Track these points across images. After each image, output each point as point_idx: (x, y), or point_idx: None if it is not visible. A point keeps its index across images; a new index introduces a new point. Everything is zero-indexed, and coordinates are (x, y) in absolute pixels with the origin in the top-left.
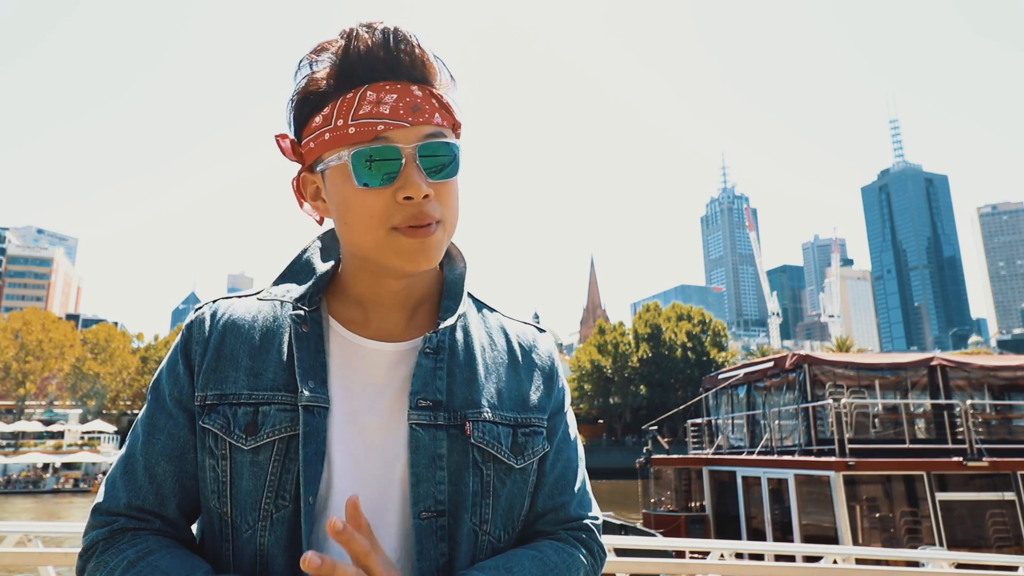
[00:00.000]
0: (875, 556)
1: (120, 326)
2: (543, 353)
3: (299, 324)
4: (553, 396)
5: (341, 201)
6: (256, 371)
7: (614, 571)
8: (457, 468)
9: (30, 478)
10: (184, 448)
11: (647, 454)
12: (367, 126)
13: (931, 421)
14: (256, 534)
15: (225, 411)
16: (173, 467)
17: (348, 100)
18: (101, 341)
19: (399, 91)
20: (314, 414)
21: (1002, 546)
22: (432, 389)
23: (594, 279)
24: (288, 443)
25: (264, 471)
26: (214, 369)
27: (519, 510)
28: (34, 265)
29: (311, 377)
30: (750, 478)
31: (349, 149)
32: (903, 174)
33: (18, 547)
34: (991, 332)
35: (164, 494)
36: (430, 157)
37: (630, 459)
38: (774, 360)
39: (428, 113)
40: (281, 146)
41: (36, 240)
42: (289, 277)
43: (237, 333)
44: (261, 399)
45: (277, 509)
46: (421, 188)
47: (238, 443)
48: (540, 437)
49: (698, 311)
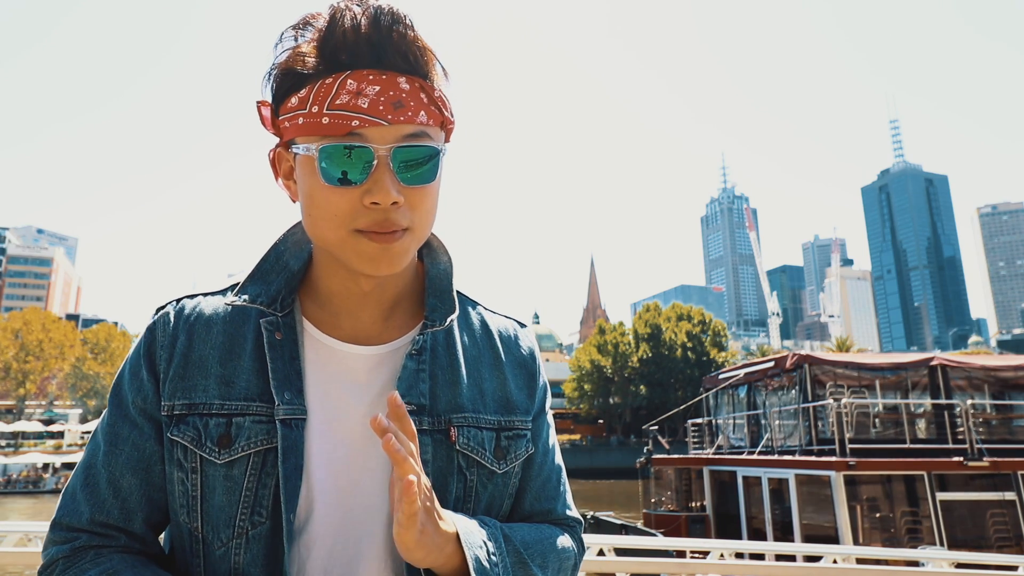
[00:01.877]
0: (876, 556)
1: (120, 326)
2: (525, 350)
3: (272, 331)
4: (536, 396)
5: (306, 193)
6: (228, 379)
7: (615, 571)
8: (441, 474)
9: (30, 478)
10: (150, 460)
11: (648, 454)
12: (342, 119)
13: (931, 421)
14: (231, 552)
15: (195, 422)
16: (139, 480)
17: (327, 86)
18: (101, 341)
19: (383, 82)
20: (292, 427)
21: (1003, 546)
22: (416, 393)
23: (594, 279)
24: (265, 456)
25: (239, 486)
26: (182, 376)
27: (498, 511)
28: (34, 265)
29: (287, 387)
30: (751, 478)
31: (319, 142)
32: (903, 174)
33: (18, 547)
34: (991, 332)
35: (130, 508)
36: (406, 161)
37: (630, 459)
38: (775, 360)
39: (412, 110)
40: (261, 114)
41: (36, 240)
42: (258, 277)
43: (206, 337)
44: (234, 410)
45: (253, 526)
46: (390, 194)
47: (210, 456)
48: (523, 440)
49: (698, 311)
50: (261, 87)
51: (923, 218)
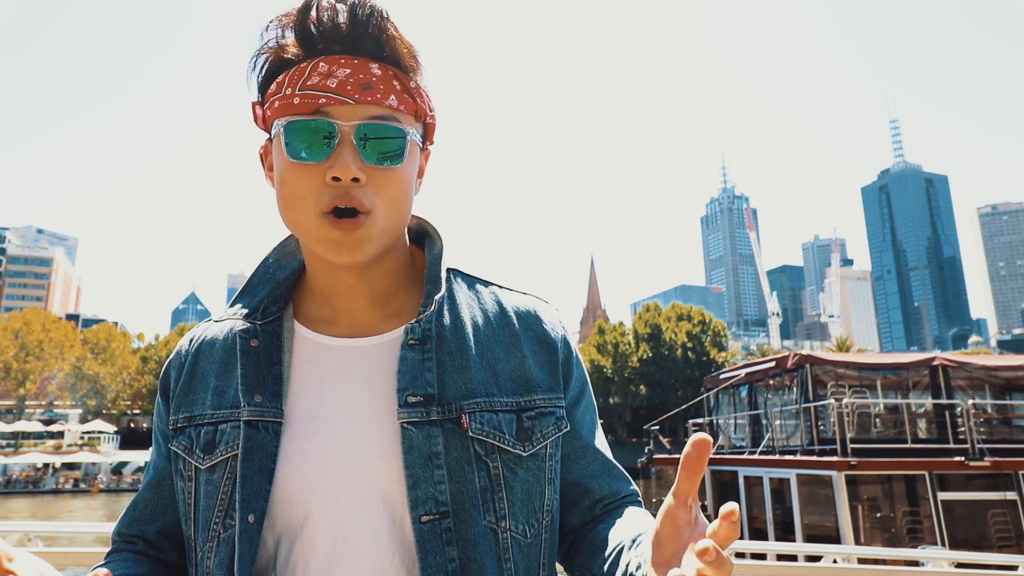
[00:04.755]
0: (877, 556)
1: (120, 326)
2: (548, 325)
3: (247, 339)
4: (566, 371)
5: (278, 175)
6: (221, 390)
7: None
8: (457, 465)
9: (30, 478)
10: (162, 476)
11: (649, 454)
12: (310, 98)
13: (932, 421)
14: (205, 555)
15: (191, 432)
16: (151, 495)
17: (300, 69)
18: (101, 341)
19: (354, 66)
20: (259, 428)
21: (1003, 546)
22: (421, 383)
23: (594, 279)
24: (240, 460)
25: (217, 490)
26: (186, 393)
27: (540, 499)
28: (34, 265)
29: (256, 391)
30: (752, 478)
31: (287, 119)
32: (903, 174)
33: (18, 547)
34: (991, 332)
35: (144, 520)
36: (371, 140)
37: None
38: (776, 360)
39: (382, 93)
40: (255, 113)
41: (36, 240)
42: (247, 291)
43: (208, 355)
44: (221, 418)
45: (224, 529)
46: (350, 169)
47: (197, 462)
48: (550, 418)
49: (698, 311)
50: (246, 78)
51: (923, 218)
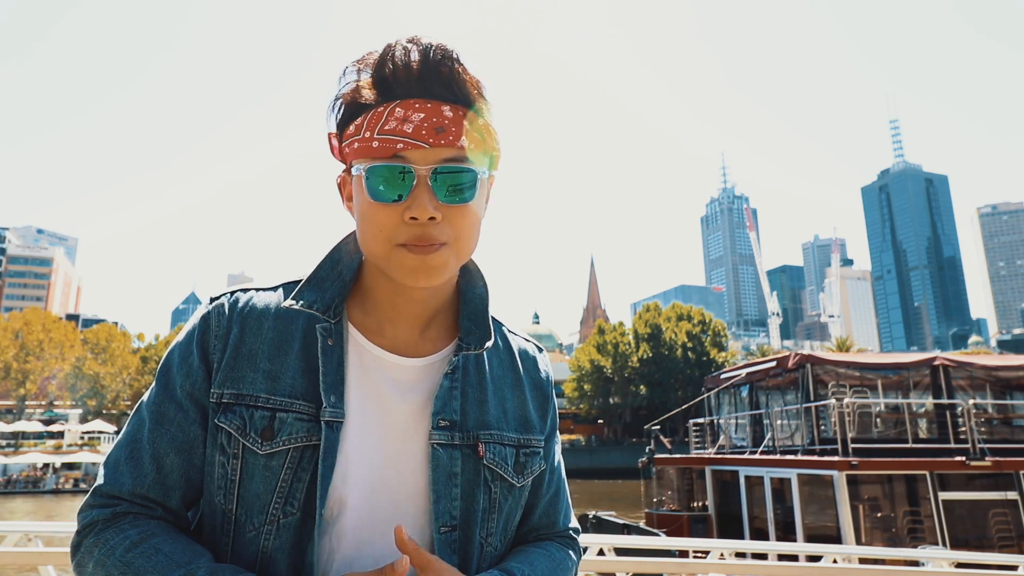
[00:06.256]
0: (877, 555)
1: (120, 326)
2: (543, 373)
3: (325, 337)
4: (549, 418)
5: (359, 210)
6: (274, 375)
7: (616, 570)
8: (469, 486)
9: (30, 478)
10: (193, 443)
11: (650, 454)
12: (388, 143)
13: (933, 421)
14: (260, 536)
15: (242, 412)
16: (181, 460)
17: (378, 114)
18: (101, 341)
19: (428, 110)
20: (333, 428)
21: (1004, 546)
22: (450, 410)
23: (594, 279)
24: (303, 452)
25: (276, 477)
26: (232, 367)
27: (513, 523)
28: (34, 265)
29: (332, 391)
30: (753, 478)
31: (368, 163)
32: (903, 174)
33: (18, 547)
34: (991, 332)
35: (169, 485)
36: (445, 181)
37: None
38: (776, 360)
39: (454, 135)
40: (332, 144)
41: (36, 240)
42: (315, 284)
43: (257, 331)
44: (279, 405)
45: (285, 516)
46: (427, 210)
47: (253, 446)
48: (538, 457)
49: (698, 311)
50: (326, 117)
51: (923, 218)
